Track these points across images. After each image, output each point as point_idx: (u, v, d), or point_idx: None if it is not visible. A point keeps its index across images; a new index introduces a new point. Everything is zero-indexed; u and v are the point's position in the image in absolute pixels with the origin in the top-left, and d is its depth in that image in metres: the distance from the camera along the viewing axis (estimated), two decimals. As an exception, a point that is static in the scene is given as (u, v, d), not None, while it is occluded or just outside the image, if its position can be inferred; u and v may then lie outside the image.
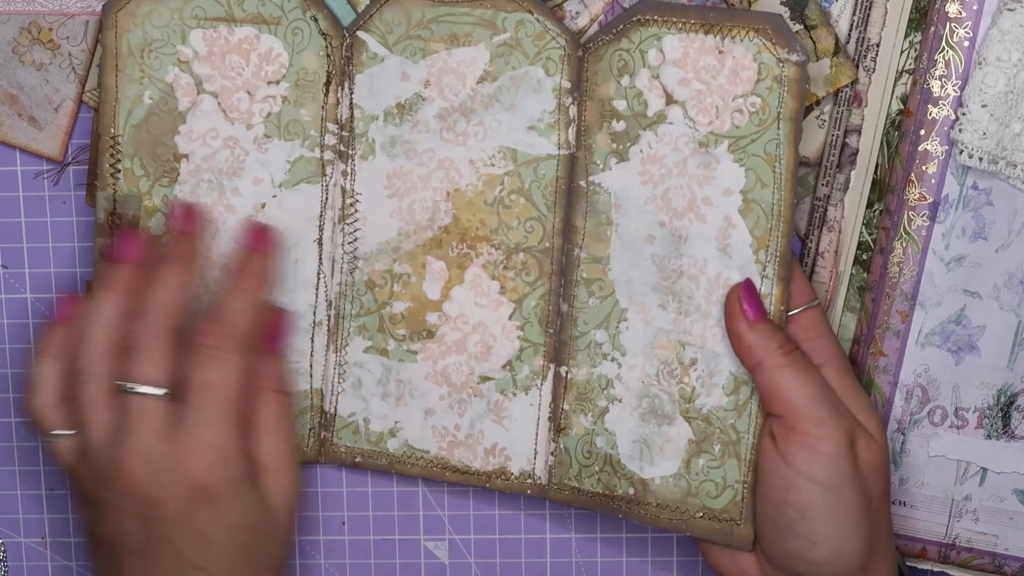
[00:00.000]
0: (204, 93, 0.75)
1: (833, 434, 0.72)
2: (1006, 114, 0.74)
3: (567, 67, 0.75)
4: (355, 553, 0.84)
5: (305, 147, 0.77)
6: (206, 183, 0.76)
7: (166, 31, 0.74)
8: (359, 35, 0.76)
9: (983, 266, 0.77)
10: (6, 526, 0.84)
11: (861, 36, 0.76)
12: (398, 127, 0.76)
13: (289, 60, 0.76)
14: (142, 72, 0.75)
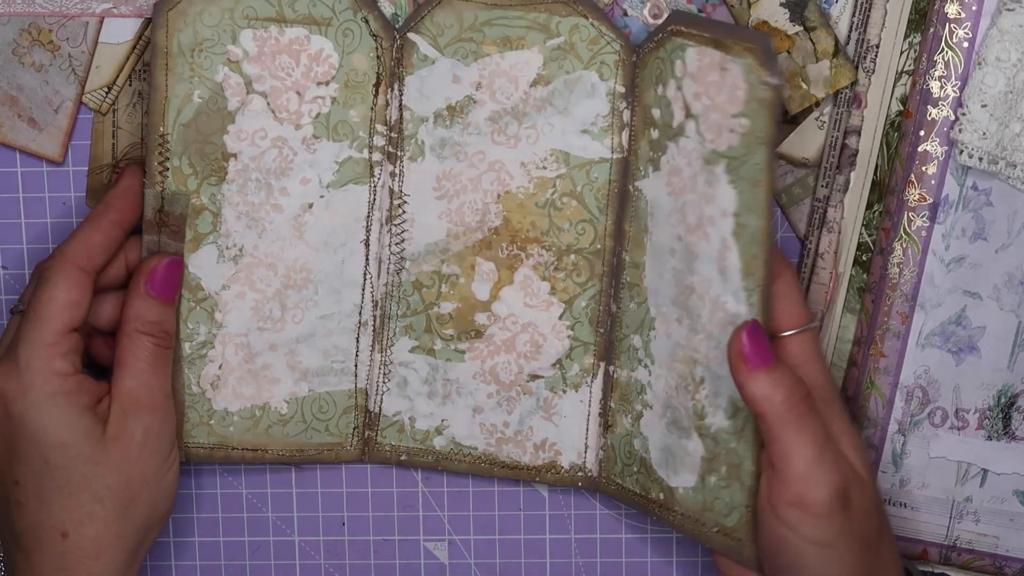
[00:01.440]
0: (253, 93, 0.75)
1: (826, 497, 0.70)
2: (1006, 114, 0.74)
3: (621, 72, 0.75)
4: (355, 553, 0.84)
5: (353, 148, 0.77)
6: (254, 182, 0.76)
7: (216, 31, 0.74)
8: (410, 37, 0.76)
9: (983, 267, 0.77)
10: (6, 526, 0.84)
11: (861, 37, 0.76)
12: (448, 129, 0.77)
13: (339, 61, 0.76)
14: (192, 71, 0.75)
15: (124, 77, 0.79)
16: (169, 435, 0.76)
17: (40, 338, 0.73)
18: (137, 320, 0.75)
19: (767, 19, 0.76)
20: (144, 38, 0.78)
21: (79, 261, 0.74)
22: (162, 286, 0.75)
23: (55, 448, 0.73)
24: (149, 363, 0.75)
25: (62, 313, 0.73)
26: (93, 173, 0.80)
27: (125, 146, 0.79)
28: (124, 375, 0.74)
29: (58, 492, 0.73)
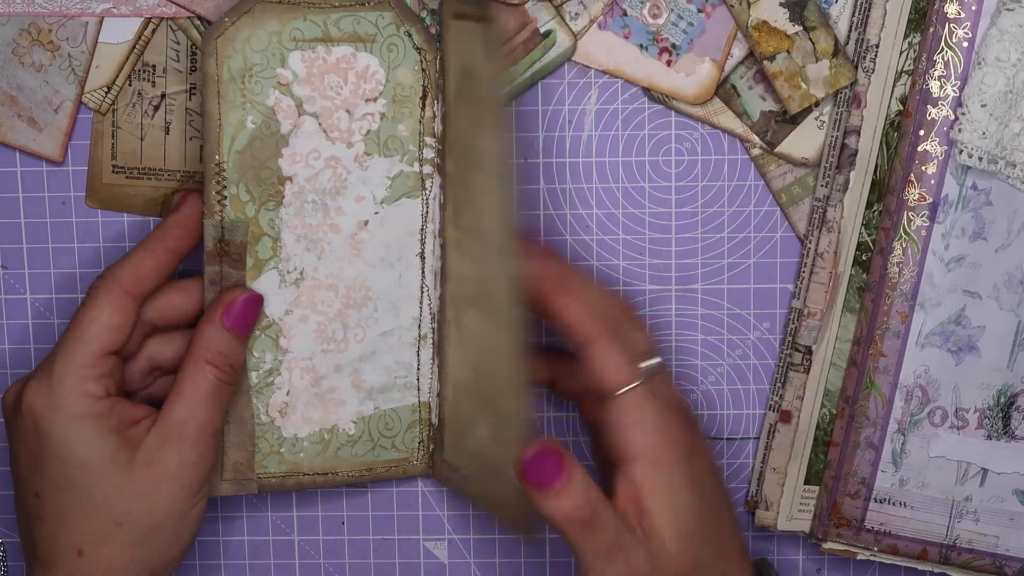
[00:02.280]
0: (305, 114, 0.75)
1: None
2: (1005, 114, 0.74)
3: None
4: (355, 553, 0.84)
5: (404, 162, 0.77)
6: (310, 204, 0.76)
7: (265, 55, 0.74)
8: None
9: (983, 266, 0.77)
10: (6, 526, 0.84)
11: (860, 37, 0.76)
12: None
13: (385, 76, 0.76)
14: (243, 97, 0.74)
15: (124, 77, 0.79)
16: (204, 471, 0.75)
17: (76, 358, 0.73)
18: (206, 348, 0.74)
19: (767, 19, 0.76)
20: (144, 38, 0.78)
21: (127, 285, 0.74)
22: (238, 319, 0.75)
23: (79, 468, 0.73)
24: (206, 395, 0.74)
25: (102, 335, 0.73)
26: (94, 173, 0.80)
27: (125, 147, 0.80)
28: (177, 403, 0.74)
29: (78, 510, 0.73)
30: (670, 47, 0.78)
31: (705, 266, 0.81)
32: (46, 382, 0.73)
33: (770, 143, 0.79)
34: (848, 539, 0.80)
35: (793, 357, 0.80)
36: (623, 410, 0.72)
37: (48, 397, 0.73)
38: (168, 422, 0.74)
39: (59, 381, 0.73)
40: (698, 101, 0.79)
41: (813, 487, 0.81)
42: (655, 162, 0.80)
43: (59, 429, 0.73)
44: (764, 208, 0.80)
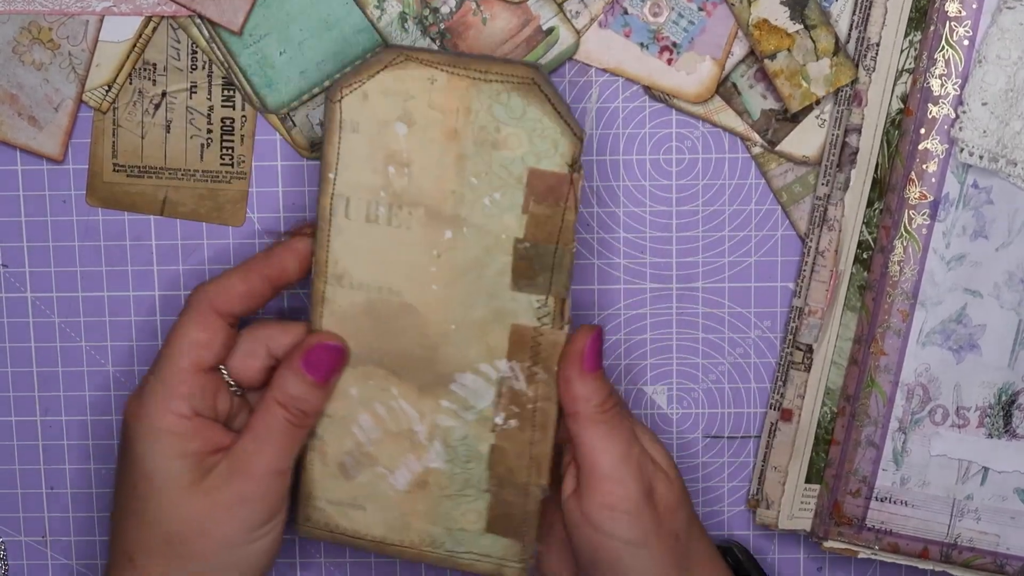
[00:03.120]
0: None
1: (632, 493, 0.73)
2: (1006, 112, 0.74)
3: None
4: (355, 553, 0.84)
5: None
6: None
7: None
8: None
9: (984, 265, 0.77)
10: (6, 524, 0.84)
11: (861, 35, 0.76)
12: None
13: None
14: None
15: (124, 75, 0.79)
16: (266, 508, 0.74)
17: (164, 373, 0.74)
18: (279, 390, 0.74)
19: (767, 17, 0.76)
20: (144, 36, 0.78)
21: (216, 303, 0.74)
22: (314, 365, 0.74)
23: (143, 478, 0.74)
24: (273, 434, 0.74)
25: (188, 352, 0.73)
26: (94, 171, 0.80)
27: (126, 145, 0.80)
28: (246, 436, 0.74)
29: (134, 518, 0.74)
30: (671, 45, 0.78)
31: (706, 264, 0.81)
32: (141, 391, 0.74)
33: (771, 141, 0.79)
34: (849, 538, 0.80)
35: (794, 355, 0.80)
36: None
37: (138, 405, 0.74)
38: (235, 455, 0.74)
39: (149, 392, 0.74)
40: (699, 99, 0.79)
41: (814, 486, 0.81)
42: (656, 160, 0.80)
43: (139, 437, 0.74)
44: (765, 206, 0.80)
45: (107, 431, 0.83)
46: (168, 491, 0.73)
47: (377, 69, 0.71)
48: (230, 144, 0.80)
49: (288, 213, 0.81)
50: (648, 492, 0.73)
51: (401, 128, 0.71)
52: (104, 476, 0.83)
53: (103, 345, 0.82)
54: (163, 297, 0.81)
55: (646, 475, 0.74)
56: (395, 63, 0.71)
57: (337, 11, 0.78)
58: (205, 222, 0.81)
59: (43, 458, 0.83)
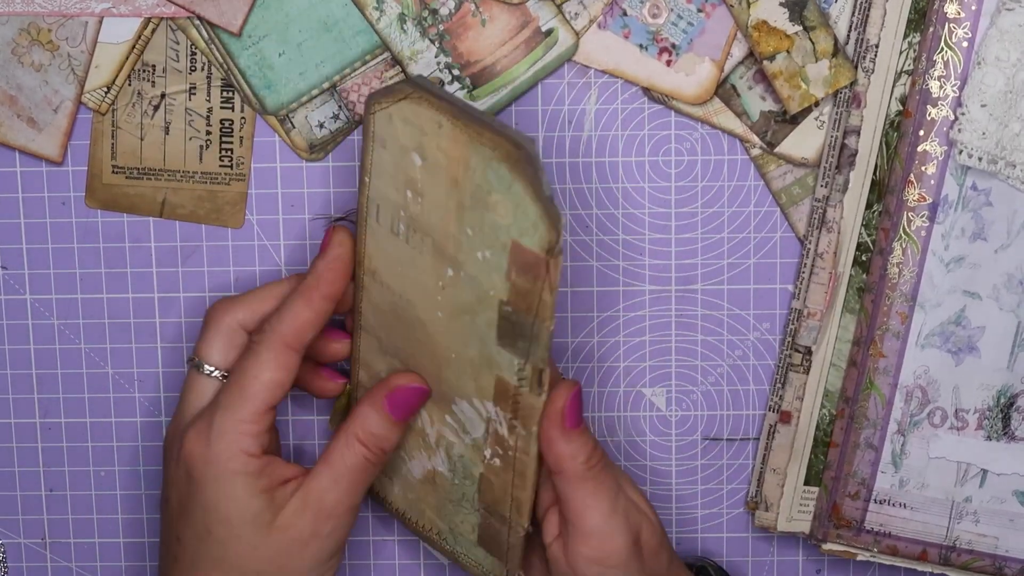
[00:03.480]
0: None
1: (620, 546, 0.73)
2: (1005, 114, 0.74)
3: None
4: (355, 553, 0.84)
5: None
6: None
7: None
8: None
9: (983, 267, 0.77)
10: (6, 527, 0.84)
11: (860, 37, 0.76)
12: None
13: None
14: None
15: (123, 77, 0.79)
16: (337, 542, 0.74)
17: (238, 414, 0.73)
18: (360, 426, 0.74)
19: (766, 19, 0.76)
20: (143, 38, 0.78)
21: (288, 339, 0.73)
22: (398, 405, 0.74)
23: (221, 522, 0.73)
24: (351, 471, 0.74)
25: (264, 392, 0.73)
26: (94, 173, 0.80)
27: (125, 147, 0.80)
28: (322, 471, 0.74)
29: (213, 562, 0.73)
30: (670, 47, 0.78)
31: (705, 266, 0.80)
32: (205, 432, 0.73)
33: (770, 143, 0.79)
34: (848, 540, 0.80)
35: (793, 358, 0.80)
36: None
37: (205, 448, 0.73)
38: (310, 489, 0.73)
39: (218, 435, 0.73)
40: (698, 101, 0.79)
41: (813, 488, 0.81)
42: (655, 162, 0.80)
43: (210, 481, 0.73)
44: (764, 208, 0.80)
45: (106, 433, 0.83)
46: (250, 533, 0.73)
47: (400, 97, 0.70)
48: (229, 146, 0.80)
49: (287, 215, 0.80)
50: (635, 541, 0.73)
51: (417, 159, 0.71)
52: (103, 478, 0.83)
53: (102, 347, 0.82)
54: (162, 299, 0.81)
55: (632, 525, 0.74)
56: (413, 97, 0.70)
57: (336, 12, 0.78)
58: (204, 224, 0.81)
59: (42, 460, 0.83)
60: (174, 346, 0.82)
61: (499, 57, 0.78)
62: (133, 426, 0.83)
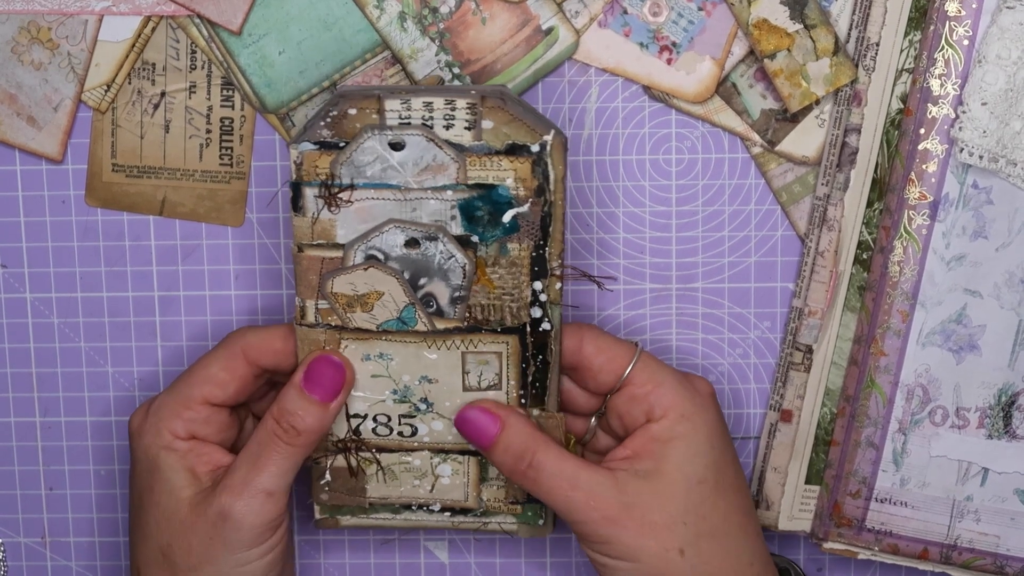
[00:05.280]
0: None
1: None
2: (1006, 112, 0.74)
3: None
4: (355, 553, 0.84)
5: None
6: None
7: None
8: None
9: (984, 265, 0.77)
10: (6, 526, 0.84)
11: (861, 35, 0.76)
12: None
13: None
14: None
15: (123, 75, 0.79)
16: (252, 531, 0.73)
17: (174, 396, 0.75)
18: (276, 403, 0.74)
19: (767, 17, 0.76)
20: (143, 36, 0.78)
21: (248, 350, 0.74)
22: (312, 379, 0.74)
23: (145, 490, 0.75)
24: (260, 447, 0.73)
25: (203, 385, 0.74)
26: (93, 172, 0.80)
27: (125, 145, 0.80)
28: (240, 453, 0.74)
29: (138, 531, 0.75)
30: (670, 45, 0.78)
31: (705, 265, 0.80)
32: (146, 408, 0.75)
33: (770, 141, 0.79)
34: (849, 539, 0.80)
35: (794, 356, 0.80)
36: (641, 379, 0.74)
37: (141, 422, 0.75)
38: (228, 470, 0.74)
39: (155, 411, 0.75)
40: (698, 99, 0.79)
41: (814, 487, 0.81)
42: (655, 160, 0.80)
43: (140, 453, 0.75)
44: (765, 207, 0.80)
45: (106, 432, 0.83)
46: (163, 503, 0.74)
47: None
48: (229, 144, 0.80)
49: (287, 213, 0.80)
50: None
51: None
52: (103, 477, 0.83)
53: (102, 346, 0.82)
54: (162, 298, 0.81)
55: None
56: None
57: (336, 11, 0.78)
58: (204, 222, 0.81)
59: (42, 459, 0.83)
60: (174, 345, 0.82)
61: (499, 55, 0.78)
62: (133, 425, 0.83)
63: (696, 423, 0.73)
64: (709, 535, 0.73)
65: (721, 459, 0.74)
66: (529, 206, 0.72)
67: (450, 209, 0.72)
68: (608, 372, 0.74)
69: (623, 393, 0.74)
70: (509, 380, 0.75)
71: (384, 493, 0.77)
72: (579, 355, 0.74)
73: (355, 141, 0.71)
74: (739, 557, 0.74)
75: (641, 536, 0.72)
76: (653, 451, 0.73)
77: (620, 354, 0.74)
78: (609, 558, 0.73)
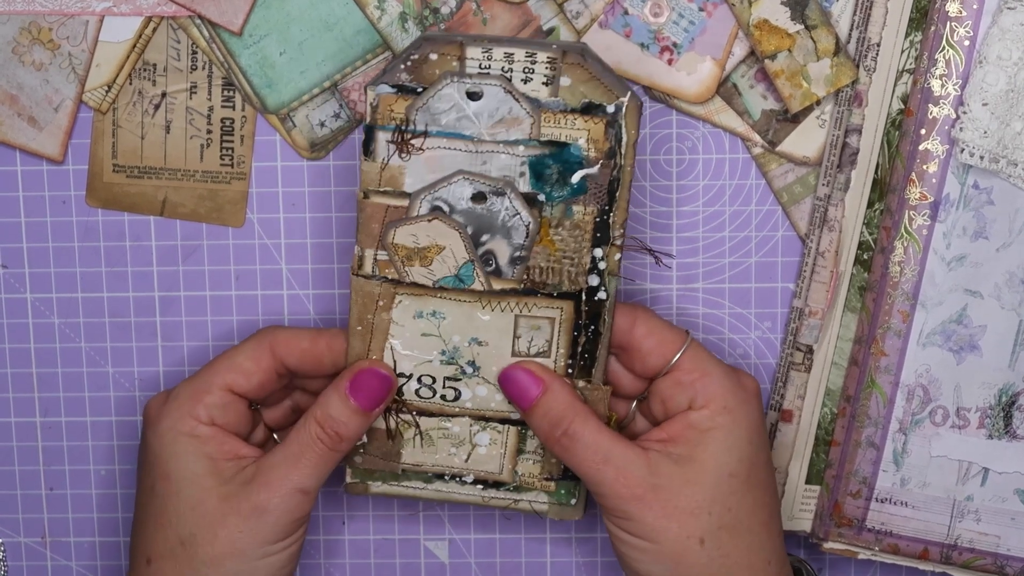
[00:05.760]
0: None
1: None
2: (1007, 112, 0.74)
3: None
4: (355, 553, 0.84)
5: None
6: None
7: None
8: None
9: (984, 265, 0.77)
10: (6, 526, 0.84)
11: (861, 36, 0.76)
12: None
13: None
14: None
15: (124, 76, 0.79)
16: (281, 525, 0.74)
17: (197, 383, 0.75)
18: (319, 407, 0.74)
19: (768, 17, 0.76)
20: (144, 36, 0.78)
21: (276, 346, 0.75)
22: (360, 390, 0.74)
23: (162, 478, 0.74)
24: (301, 449, 0.74)
25: (227, 372, 0.74)
26: (94, 172, 0.80)
27: (125, 146, 0.80)
28: (278, 449, 0.74)
29: (152, 520, 0.74)
30: (671, 46, 0.78)
31: (706, 265, 0.80)
32: (165, 395, 0.75)
33: (771, 142, 0.79)
34: (849, 539, 0.80)
35: (794, 356, 0.80)
36: (689, 367, 0.74)
37: (160, 408, 0.75)
38: (262, 465, 0.74)
39: (175, 397, 0.75)
40: (699, 100, 0.79)
41: (814, 487, 0.81)
42: (656, 161, 0.80)
43: (157, 439, 0.74)
44: (765, 207, 0.80)
45: (107, 432, 0.83)
46: (186, 492, 0.74)
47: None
48: (230, 144, 0.80)
49: (288, 214, 0.80)
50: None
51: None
52: (103, 477, 0.83)
53: (103, 346, 0.82)
54: (163, 298, 0.81)
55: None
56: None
57: (337, 11, 0.78)
58: (205, 223, 0.81)
59: (42, 459, 0.83)
60: (174, 345, 0.82)
61: (500, 56, 0.78)
62: (133, 425, 0.83)
63: (737, 417, 0.73)
64: (732, 528, 0.73)
65: (756, 456, 0.74)
66: (599, 168, 0.71)
67: (520, 165, 0.71)
68: (657, 356, 0.74)
69: (669, 378, 0.74)
70: (559, 348, 0.74)
71: (419, 459, 0.77)
72: (630, 335, 0.74)
73: (433, 87, 0.71)
74: (759, 554, 0.74)
75: (664, 518, 0.72)
76: (690, 438, 0.73)
77: (671, 339, 0.75)
78: (630, 535, 0.73)
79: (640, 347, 0.75)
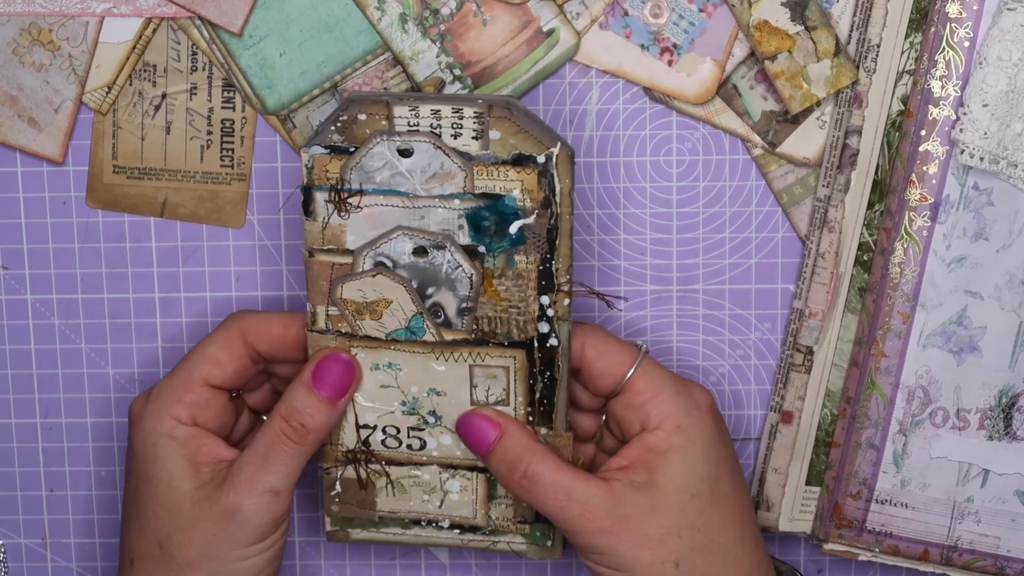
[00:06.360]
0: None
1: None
2: (1007, 114, 0.74)
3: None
4: (355, 554, 0.84)
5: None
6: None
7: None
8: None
9: (984, 266, 0.77)
10: (6, 527, 0.84)
11: (861, 37, 0.76)
12: None
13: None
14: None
15: (124, 77, 0.79)
16: (256, 528, 0.73)
17: (174, 380, 0.75)
18: (283, 402, 0.74)
19: (768, 18, 0.76)
20: (144, 38, 0.78)
21: (246, 332, 0.75)
22: (322, 379, 0.74)
23: (144, 480, 0.74)
24: (268, 445, 0.73)
25: (201, 365, 0.74)
26: (94, 173, 0.80)
27: (126, 147, 0.80)
28: (246, 450, 0.74)
29: (135, 521, 0.75)
30: (671, 47, 0.78)
31: (706, 266, 0.80)
32: (146, 394, 0.75)
33: (771, 143, 0.79)
34: (849, 540, 0.80)
35: (794, 358, 0.80)
36: (640, 387, 0.74)
37: (141, 409, 0.75)
38: (233, 468, 0.74)
39: (155, 396, 0.75)
40: (699, 101, 0.79)
41: (814, 488, 0.81)
42: (656, 162, 0.80)
43: (139, 440, 0.75)
44: (765, 208, 0.80)
45: (107, 433, 0.83)
46: (166, 495, 0.74)
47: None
48: (230, 145, 0.80)
49: (288, 215, 0.80)
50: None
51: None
52: (104, 478, 0.83)
53: (103, 347, 0.82)
54: (163, 299, 0.81)
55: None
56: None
57: (337, 12, 0.78)
58: (205, 224, 0.81)
59: (43, 460, 0.83)
60: (174, 346, 0.82)
61: (500, 57, 0.78)
62: (134, 426, 0.83)
63: (692, 436, 0.73)
64: (704, 548, 0.73)
65: (717, 472, 0.73)
66: (535, 218, 0.72)
67: (457, 218, 0.72)
68: (607, 377, 0.74)
69: (621, 399, 0.74)
70: (517, 396, 0.75)
71: (394, 507, 0.77)
72: (580, 358, 0.74)
73: (365, 146, 0.71)
74: (737, 569, 0.74)
75: (636, 548, 0.72)
76: (648, 462, 0.73)
77: (620, 359, 0.74)
78: (606, 568, 0.73)
79: (590, 369, 0.74)
